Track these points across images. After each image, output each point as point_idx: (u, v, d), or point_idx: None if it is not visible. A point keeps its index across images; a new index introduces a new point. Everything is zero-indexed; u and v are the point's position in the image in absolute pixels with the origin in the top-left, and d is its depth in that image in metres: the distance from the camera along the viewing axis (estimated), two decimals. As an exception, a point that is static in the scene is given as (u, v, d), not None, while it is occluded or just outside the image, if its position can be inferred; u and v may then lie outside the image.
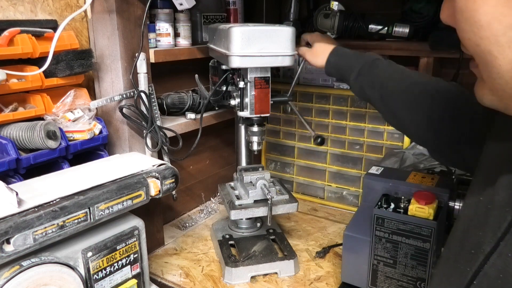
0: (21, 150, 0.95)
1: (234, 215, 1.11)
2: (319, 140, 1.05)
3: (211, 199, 1.64)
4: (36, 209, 0.75)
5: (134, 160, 1.05)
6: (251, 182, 1.16)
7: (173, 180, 0.99)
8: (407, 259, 0.97)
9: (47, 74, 1.00)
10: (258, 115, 1.08)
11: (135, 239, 0.93)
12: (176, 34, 1.29)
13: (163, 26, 1.24)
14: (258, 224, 1.32)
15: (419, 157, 1.33)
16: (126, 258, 0.92)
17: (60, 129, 0.99)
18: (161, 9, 1.22)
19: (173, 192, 1.26)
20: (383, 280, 1.02)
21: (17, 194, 0.74)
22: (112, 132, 1.16)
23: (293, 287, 1.12)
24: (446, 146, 0.85)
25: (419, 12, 1.36)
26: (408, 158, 1.32)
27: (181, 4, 1.14)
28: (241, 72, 1.07)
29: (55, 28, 1.00)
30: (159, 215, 1.30)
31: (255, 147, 1.16)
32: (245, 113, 1.08)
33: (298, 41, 1.02)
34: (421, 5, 1.35)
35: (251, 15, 1.61)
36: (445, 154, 0.89)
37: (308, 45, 1.16)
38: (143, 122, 1.15)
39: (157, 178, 0.95)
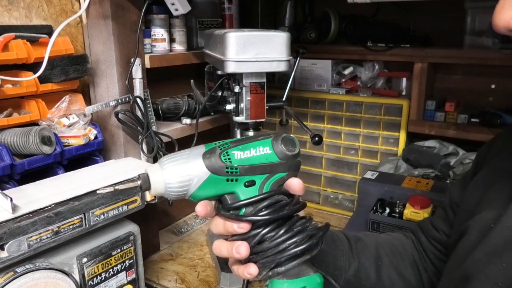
0: (16, 155, 0.94)
1: (230, 220, 1.10)
2: (316, 139, 1.05)
3: (207, 204, 1.63)
4: (31, 215, 0.74)
5: (129, 166, 1.04)
6: (246, 187, 1.16)
7: (169, 185, 0.98)
8: (403, 263, 0.97)
9: (42, 79, 0.99)
10: (254, 120, 1.08)
11: (130, 245, 0.92)
12: (172, 40, 1.29)
13: (159, 32, 1.24)
14: (254, 229, 1.31)
15: (414, 162, 1.33)
16: (122, 264, 0.91)
17: (55, 134, 0.99)
18: (157, 15, 1.23)
19: (169, 198, 1.26)
20: (379, 285, 1.02)
21: (11, 200, 0.74)
22: (107, 138, 1.16)
23: (289, 292, 1.11)
24: None
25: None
26: (403, 165, 1.33)
27: (176, 10, 1.14)
28: (236, 77, 1.07)
29: (50, 34, 1.00)
30: (155, 220, 1.30)
31: (250, 152, 1.16)
32: (240, 118, 1.08)
33: (292, 47, 1.03)
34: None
35: (247, 21, 1.62)
36: None
37: None
38: (138, 128, 1.14)
39: (153, 184, 0.95)
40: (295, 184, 0.52)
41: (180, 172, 0.49)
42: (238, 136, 1.23)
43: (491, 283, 0.48)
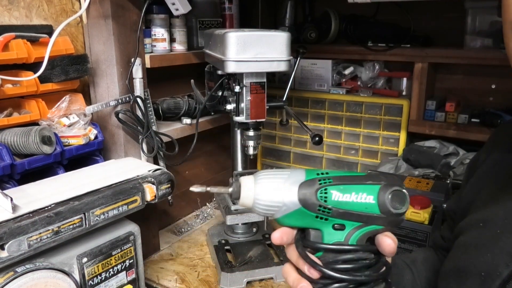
0: (16, 155, 0.94)
1: (230, 220, 1.10)
2: (317, 138, 1.05)
3: (207, 204, 1.63)
4: (31, 215, 0.74)
5: (129, 166, 1.04)
6: (247, 187, 1.16)
7: (169, 185, 0.99)
8: (403, 263, 0.97)
9: (42, 79, 0.99)
10: (254, 120, 1.08)
11: (130, 245, 0.92)
12: (172, 40, 1.29)
13: (159, 32, 1.24)
14: (254, 229, 1.31)
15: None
16: (122, 264, 0.91)
17: (55, 134, 0.99)
18: (157, 15, 1.23)
19: (169, 197, 1.26)
20: (379, 285, 1.02)
21: (11, 199, 0.74)
22: (107, 137, 1.16)
23: (289, 292, 1.11)
24: None
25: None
26: (403, 165, 1.33)
27: (177, 10, 1.14)
28: (236, 77, 1.07)
29: (50, 33, 1.00)
30: (155, 220, 1.30)
31: (251, 151, 1.16)
32: (241, 118, 1.08)
33: (292, 47, 1.03)
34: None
35: (247, 21, 1.62)
36: None
37: None
38: (139, 127, 1.14)
39: (153, 183, 0.95)
40: (387, 245, 0.46)
41: (272, 195, 0.46)
42: (238, 136, 1.24)
43: (478, 274, 0.51)
